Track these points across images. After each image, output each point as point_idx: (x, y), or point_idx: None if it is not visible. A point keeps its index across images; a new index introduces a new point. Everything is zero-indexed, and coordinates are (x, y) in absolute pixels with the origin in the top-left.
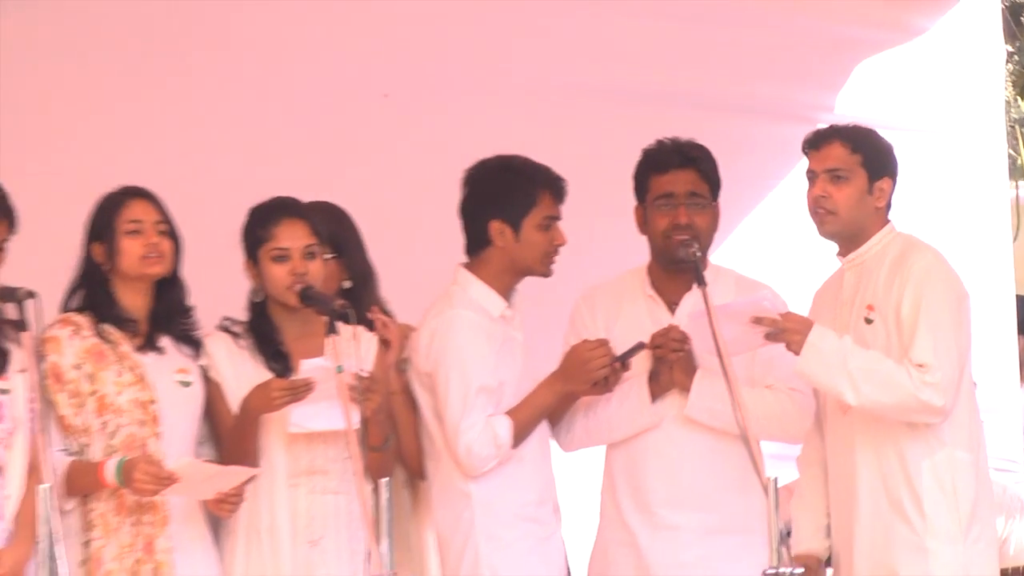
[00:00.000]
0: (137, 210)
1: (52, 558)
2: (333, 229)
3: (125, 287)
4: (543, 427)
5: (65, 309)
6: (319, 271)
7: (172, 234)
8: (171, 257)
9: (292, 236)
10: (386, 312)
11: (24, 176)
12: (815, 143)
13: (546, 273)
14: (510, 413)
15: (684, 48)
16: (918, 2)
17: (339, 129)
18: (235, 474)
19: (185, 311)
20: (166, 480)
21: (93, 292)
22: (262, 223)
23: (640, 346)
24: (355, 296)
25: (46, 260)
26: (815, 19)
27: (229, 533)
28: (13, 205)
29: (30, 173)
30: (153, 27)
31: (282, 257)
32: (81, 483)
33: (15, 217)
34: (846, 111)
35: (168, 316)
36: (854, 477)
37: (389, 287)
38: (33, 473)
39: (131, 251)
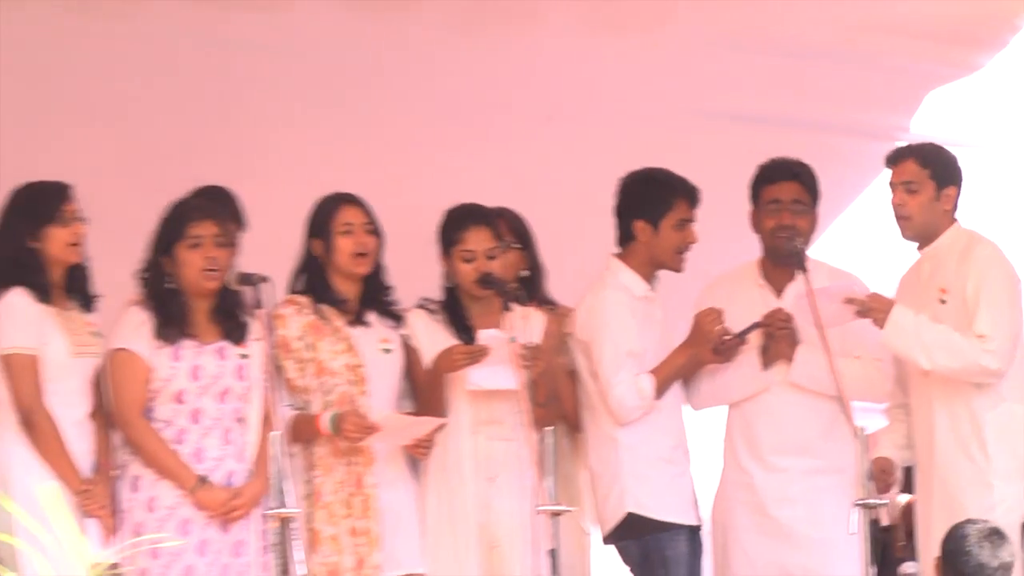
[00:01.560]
0: (349, 214)
1: (282, 492)
2: (518, 227)
3: (338, 276)
4: (677, 387)
5: (291, 291)
6: (498, 269)
7: (376, 232)
8: (375, 253)
9: (478, 240)
10: (548, 298)
11: (259, 184)
12: (893, 160)
13: (678, 267)
14: (652, 372)
15: (791, 81)
16: (977, 43)
17: (512, 146)
18: (426, 424)
19: (386, 295)
20: (370, 429)
21: (312, 278)
22: (454, 227)
23: (755, 325)
24: (529, 283)
25: (275, 250)
26: (896, 58)
27: (424, 471)
28: (242, 210)
29: (264, 182)
30: (360, 61)
31: (469, 258)
32: (303, 432)
33: (244, 219)
34: (919, 131)
35: (373, 299)
36: (932, 428)
37: (554, 275)
38: (266, 423)
39: (344, 249)
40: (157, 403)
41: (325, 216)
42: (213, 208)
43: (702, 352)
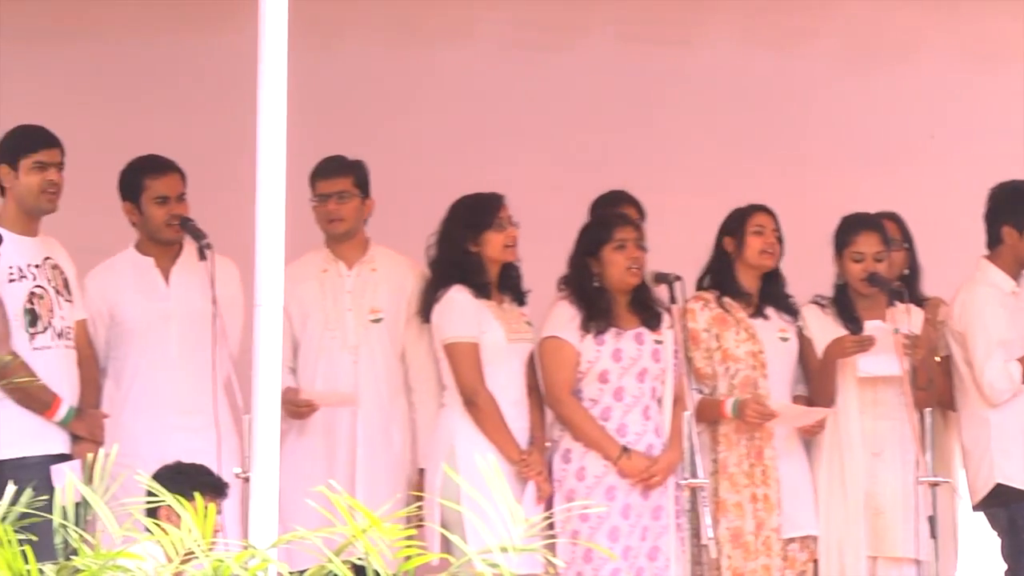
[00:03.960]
0: (762, 219)
1: (693, 464)
2: (904, 230)
3: (744, 271)
4: None
5: (698, 288)
6: (886, 270)
7: (780, 239)
8: (778, 256)
9: (867, 244)
10: (922, 294)
11: (672, 194)
12: None
13: None
14: (1020, 359)
15: None
16: None
17: (899, 160)
18: (817, 413)
19: (784, 294)
20: (768, 416)
21: (720, 273)
22: (847, 231)
23: None
24: (908, 281)
25: (686, 253)
26: None
27: (816, 446)
28: (645, 211)
29: (677, 193)
30: (760, 90)
31: (859, 258)
32: (708, 413)
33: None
34: None
35: (773, 295)
36: None
37: (931, 273)
38: (678, 403)
39: (754, 246)
40: (584, 384)
41: (739, 219)
42: (630, 215)
43: None
